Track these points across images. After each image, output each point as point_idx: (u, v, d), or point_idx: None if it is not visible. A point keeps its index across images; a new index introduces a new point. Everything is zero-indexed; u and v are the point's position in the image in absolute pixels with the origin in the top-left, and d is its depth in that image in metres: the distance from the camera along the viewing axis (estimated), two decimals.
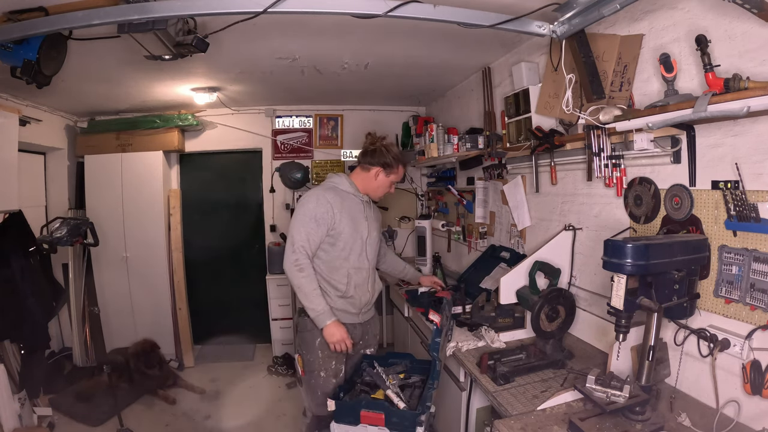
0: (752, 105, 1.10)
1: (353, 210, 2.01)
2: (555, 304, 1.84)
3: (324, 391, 1.93)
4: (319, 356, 1.95)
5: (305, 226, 1.90)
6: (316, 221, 1.90)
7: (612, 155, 1.76)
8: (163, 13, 1.47)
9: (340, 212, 1.94)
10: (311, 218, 1.90)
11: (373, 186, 2.07)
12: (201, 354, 4.24)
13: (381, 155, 2.03)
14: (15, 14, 1.65)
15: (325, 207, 1.91)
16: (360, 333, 2.08)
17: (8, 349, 2.70)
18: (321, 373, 1.95)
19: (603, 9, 1.44)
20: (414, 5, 1.50)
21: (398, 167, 2.06)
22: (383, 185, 2.07)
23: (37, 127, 3.26)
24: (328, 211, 1.91)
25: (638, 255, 1.26)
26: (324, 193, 1.97)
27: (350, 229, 1.96)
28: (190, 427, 3.02)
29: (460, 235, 3.45)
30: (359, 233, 2.00)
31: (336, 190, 2.02)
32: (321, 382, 1.95)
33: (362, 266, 2.02)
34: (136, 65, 2.52)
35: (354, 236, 1.98)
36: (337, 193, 2.00)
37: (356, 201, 2.05)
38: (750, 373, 1.25)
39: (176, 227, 4.03)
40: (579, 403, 1.45)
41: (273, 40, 2.33)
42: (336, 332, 1.87)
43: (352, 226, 1.97)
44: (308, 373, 1.98)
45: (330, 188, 2.02)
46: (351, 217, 1.98)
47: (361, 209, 2.06)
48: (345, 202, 1.99)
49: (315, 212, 1.91)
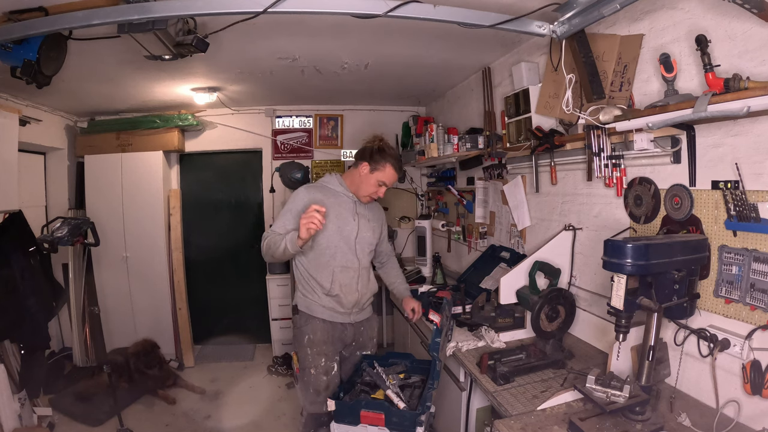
0: (752, 105, 1.10)
1: (340, 208, 1.99)
2: (555, 304, 1.84)
3: (315, 388, 1.94)
4: (308, 353, 1.96)
5: (282, 218, 1.94)
6: (292, 214, 1.91)
7: (612, 155, 1.76)
8: (163, 13, 1.47)
9: (325, 207, 1.89)
10: (288, 211, 1.94)
11: (358, 181, 2.01)
12: (201, 354, 4.24)
13: (370, 150, 1.98)
14: (15, 14, 1.65)
15: (303, 203, 1.91)
16: (352, 333, 2.07)
17: (8, 349, 2.69)
18: (311, 370, 1.96)
19: (603, 9, 1.44)
20: (414, 5, 1.50)
21: (385, 165, 1.96)
22: (367, 182, 1.98)
23: (37, 127, 3.26)
24: (305, 206, 1.81)
25: (638, 255, 1.26)
26: (307, 190, 1.99)
27: (334, 226, 1.94)
28: (190, 427, 3.02)
29: (460, 235, 3.45)
30: (345, 232, 1.98)
31: (324, 188, 2.02)
32: (312, 379, 1.95)
33: (350, 266, 1.99)
34: (136, 65, 2.52)
35: (338, 234, 1.96)
36: (323, 191, 1.99)
37: (345, 199, 2.02)
38: (750, 373, 1.26)
39: (176, 227, 4.03)
40: (579, 403, 1.45)
41: (273, 40, 2.33)
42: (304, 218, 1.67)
43: (336, 224, 1.95)
44: (301, 371, 2.00)
45: (317, 186, 2.03)
46: (336, 215, 1.96)
47: (351, 208, 2.02)
48: (329, 200, 1.96)
49: (292, 206, 1.94)
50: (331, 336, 1.99)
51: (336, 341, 2.02)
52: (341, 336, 2.03)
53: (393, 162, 1.98)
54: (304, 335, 1.97)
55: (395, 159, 2.00)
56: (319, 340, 1.96)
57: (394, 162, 1.99)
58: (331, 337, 1.99)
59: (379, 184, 2.00)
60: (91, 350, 3.76)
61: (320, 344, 1.96)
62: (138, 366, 3.39)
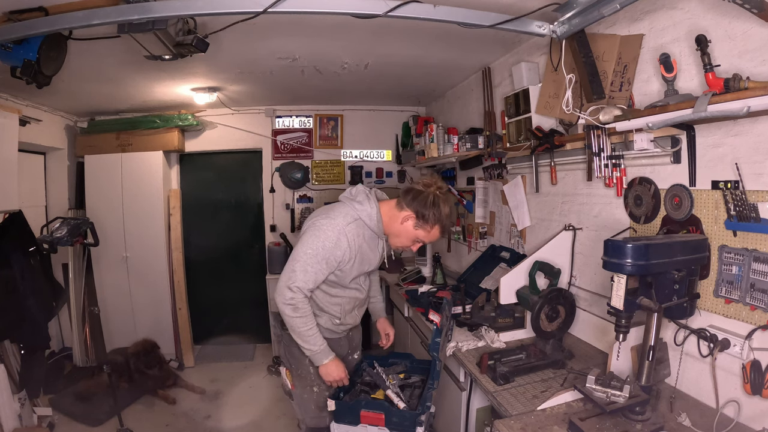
0: (752, 105, 1.10)
1: (369, 246, 1.78)
2: (555, 304, 1.84)
3: (318, 405, 1.83)
4: (311, 372, 1.81)
5: (313, 266, 1.64)
6: (327, 263, 1.65)
7: (612, 155, 1.76)
8: (163, 13, 1.47)
9: (357, 254, 1.72)
10: (323, 259, 1.64)
11: (395, 229, 1.74)
12: (201, 354, 4.24)
13: (423, 203, 1.66)
14: (15, 14, 1.65)
15: (343, 250, 1.66)
16: (346, 343, 1.97)
17: (8, 349, 2.70)
18: (314, 388, 1.83)
19: (603, 9, 1.44)
20: (414, 5, 1.50)
21: (433, 227, 1.70)
22: (406, 235, 1.73)
23: (37, 127, 3.26)
24: (345, 254, 1.67)
25: (638, 255, 1.26)
26: (346, 228, 1.67)
27: (359, 265, 1.76)
28: (190, 427, 3.02)
29: (460, 235, 3.45)
30: (364, 267, 1.81)
31: (360, 223, 1.72)
32: (315, 397, 1.84)
33: (359, 296, 1.89)
34: (136, 65, 2.52)
35: (360, 270, 1.79)
36: (359, 228, 1.72)
37: (374, 237, 1.78)
38: (750, 373, 1.26)
39: (176, 227, 4.03)
40: (579, 403, 1.45)
41: (273, 40, 2.33)
42: (334, 371, 1.72)
43: (360, 268, 1.77)
44: (300, 388, 1.86)
45: (354, 221, 1.71)
46: (362, 259, 1.76)
47: (376, 245, 1.81)
48: (365, 242, 1.74)
49: (330, 254, 1.65)
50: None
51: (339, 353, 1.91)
52: (337, 348, 1.88)
53: (443, 224, 1.72)
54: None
55: (447, 219, 1.72)
56: None
57: (445, 224, 1.73)
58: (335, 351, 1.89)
59: (416, 241, 1.77)
60: (91, 350, 3.76)
61: None
62: (138, 366, 3.40)
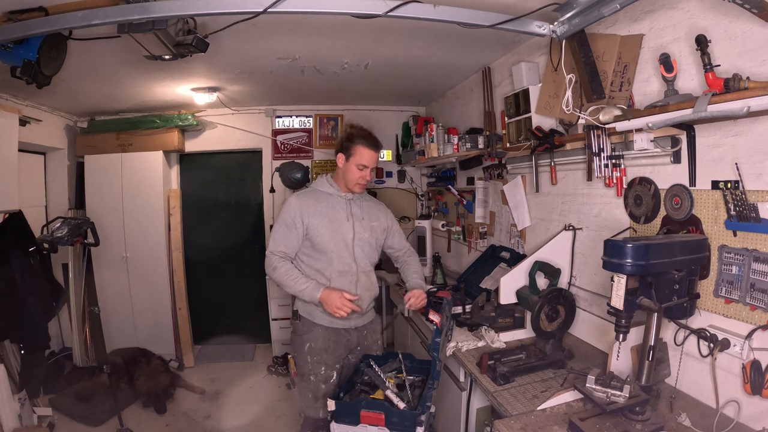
0: (752, 105, 1.10)
1: (333, 210, 1.93)
2: (555, 304, 1.84)
3: (315, 395, 1.92)
4: (308, 361, 1.93)
5: (276, 232, 1.93)
6: (286, 225, 1.90)
7: (612, 155, 1.76)
8: (163, 13, 1.47)
9: (314, 215, 1.89)
10: (281, 223, 1.92)
11: (341, 176, 1.96)
12: (201, 354, 4.24)
13: (340, 141, 1.93)
14: (15, 14, 1.65)
15: (294, 211, 1.89)
16: (356, 338, 2.02)
17: (8, 349, 2.70)
18: (311, 377, 1.94)
19: (603, 9, 1.44)
20: (414, 5, 1.50)
21: (356, 147, 1.88)
22: (349, 171, 1.92)
23: (37, 127, 3.26)
24: (296, 215, 1.89)
25: (638, 255, 1.26)
26: (298, 197, 1.94)
27: (329, 231, 1.90)
28: (190, 427, 3.02)
29: (460, 235, 3.45)
30: (340, 235, 1.92)
31: (315, 192, 1.98)
32: (311, 386, 1.94)
33: (348, 270, 1.93)
34: (136, 65, 2.52)
35: (334, 238, 1.90)
36: (314, 195, 1.95)
37: (338, 200, 1.96)
38: (750, 373, 1.26)
39: (176, 227, 4.03)
40: (579, 403, 1.45)
41: (273, 40, 2.33)
42: (330, 299, 1.80)
43: (330, 227, 1.90)
44: (299, 376, 1.98)
45: (308, 191, 1.99)
46: (329, 219, 1.91)
47: (345, 208, 1.96)
48: (321, 204, 1.93)
49: (284, 217, 1.91)
50: (333, 343, 1.95)
51: (341, 348, 1.97)
52: (346, 342, 1.99)
53: (363, 141, 1.90)
54: (305, 343, 1.94)
55: (365, 138, 1.91)
56: (320, 349, 1.93)
57: (364, 141, 1.91)
58: (334, 345, 1.95)
59: (360, 168, 1.92)
60: (91, 350, 3.76)
61: (321, 353, 1.93)
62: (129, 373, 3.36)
